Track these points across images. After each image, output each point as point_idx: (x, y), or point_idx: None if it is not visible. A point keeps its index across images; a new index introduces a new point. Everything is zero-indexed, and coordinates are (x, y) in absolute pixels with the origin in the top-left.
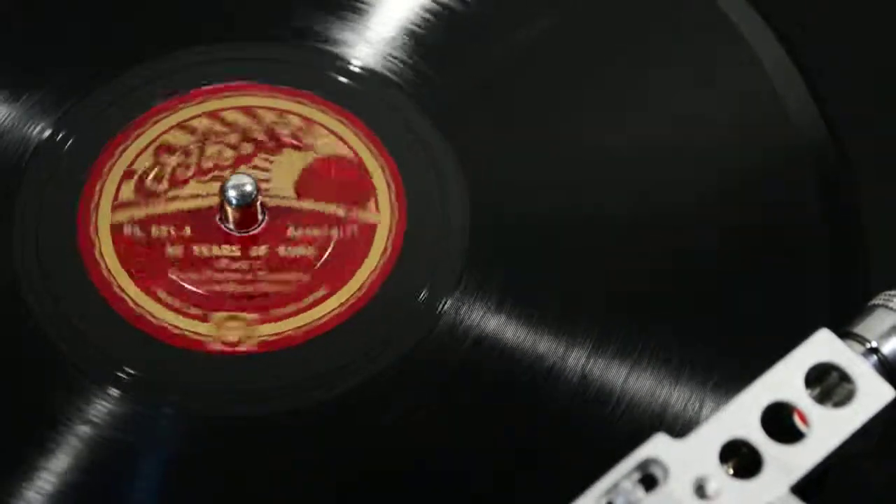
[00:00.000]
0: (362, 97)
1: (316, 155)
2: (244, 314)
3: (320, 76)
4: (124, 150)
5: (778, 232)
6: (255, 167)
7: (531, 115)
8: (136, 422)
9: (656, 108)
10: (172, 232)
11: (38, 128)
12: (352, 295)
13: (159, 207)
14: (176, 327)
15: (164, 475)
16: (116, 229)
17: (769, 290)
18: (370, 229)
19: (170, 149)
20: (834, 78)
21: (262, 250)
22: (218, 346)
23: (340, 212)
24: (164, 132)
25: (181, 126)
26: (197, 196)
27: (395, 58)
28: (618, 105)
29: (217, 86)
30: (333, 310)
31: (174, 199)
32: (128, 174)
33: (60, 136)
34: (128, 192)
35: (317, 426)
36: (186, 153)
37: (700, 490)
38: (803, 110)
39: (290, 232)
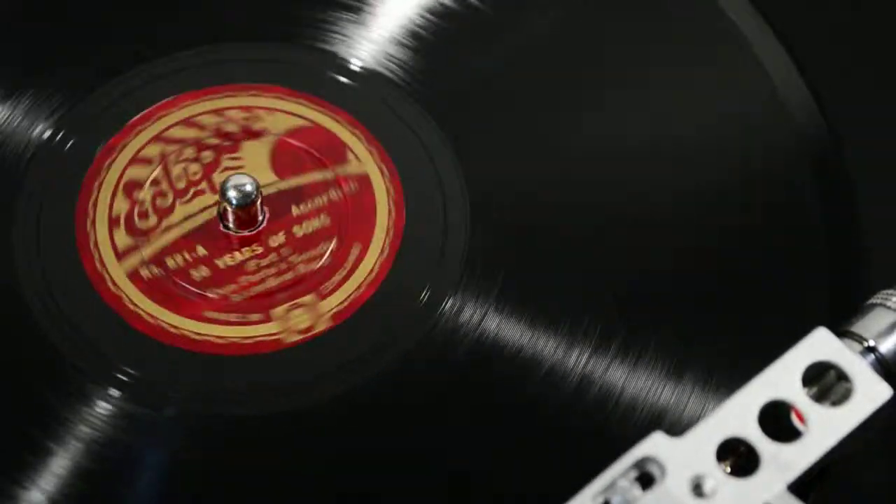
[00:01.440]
0: (362, 97)
1: (275, 136)
2: (301, 299)
3: (320, 76)
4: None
5: (778, 232)
6: (226, 169)
7: (531, 114)
8: (136, 422)
9: (656, 107)
10: (188, 257)
11: (38, 128)
12: (384, 244)
13: (161, 241)
14: (246, 338)
15: (164, 475)
16: (134, 276)
17: (769, 290)
18: (364, 179)
19: (137, 185)
20: (834, 78)
21: (280, 238)
22: (296, 338)
23: (327, 175)
24: (125, 169)
25: (137, 160)
26: (189, 217)
27: (395, 58)
28: (618, 105)
29: (158, 104)
30: (377, 258)
31: (170, 228)
32: (114, 222)
33: (60, 136)
34: (122, 239)
35: (317, 426)
36: (155, 183)
37: (697, 488)
38: (803, 110)
39: (295, 211)
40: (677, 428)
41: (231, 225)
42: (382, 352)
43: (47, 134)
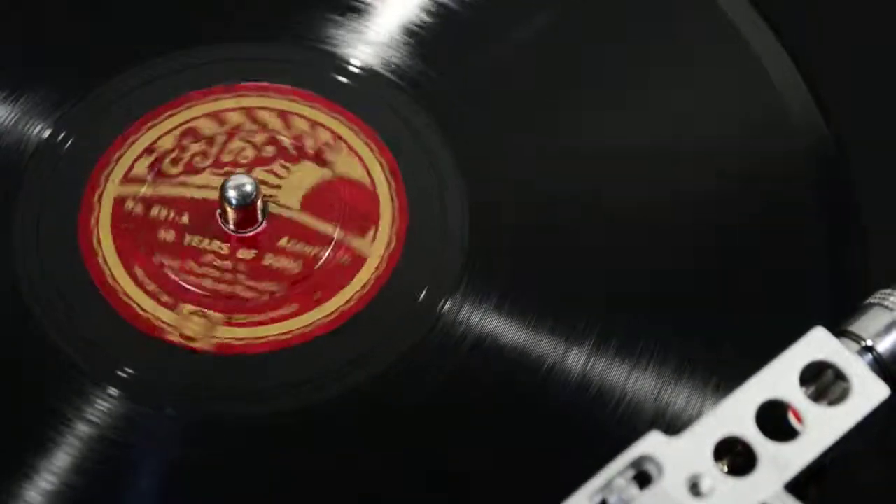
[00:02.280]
0: (362, 97)
1: (333, 174)
2: (211, 312)
3: (320, 76)
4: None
5: (778, 231)
6: (271, 171)
7: (531, 115)
8: (136, 422)
9: (656, 107)
10: (170, 216)
11: (38, 128)
12: (315, 321)
13: (166, 189)
14: (143, 310)
15: (164, 475)
16: (119, 202)
17: (769, 290)
18: (358, 262)
19: (195, 135)
20: (834, 78)
21: (249, 254)
22: (175, 338)
23: (337, 234)
24: (195, 118)
25: (213, 115)
26: (206, 187)
27: (395, 58)
28: (618, 105)
29: (258, 83)
30: (296, 329)
31: (183, 184)
32: (148, 150)
33: (60, 136)
34: (142, 167)
35: (317, 426)
36: (210, 143)
37: (694, 487)
38: (803, 110)
39: (283, 243)
40: (677, 428)
41: (226, 218)
42: (382, 352)
43: (47, 134)
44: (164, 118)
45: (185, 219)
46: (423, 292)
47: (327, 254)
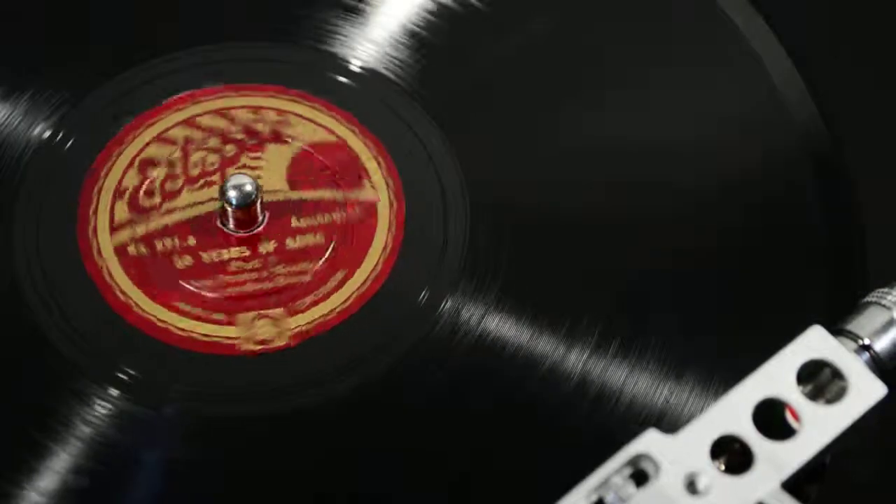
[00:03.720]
0: (362, 97)
1: (300, 145)
2: (270, 310)
3: (320, 76)
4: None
5: (777, 231)
6: (243, 167)
7: (531, 115)
8: (136, 422)
9: (656, 107)
10: (177, 243)
11: (38, 128)
12: (369, 274)
13: (157, 222)
14: (204, 335)
15: (164, 475)
16: (120, 251)
17: (769, 290)
18: (371, 206)
19: (153, 162)
20: (834, 77)
21: (270, 246)
22: (252, 347)
23: (337, 196)
24: (145, 146)
25: (160, 138)
26: (193, 205)
27: (395, 58)
28: (618, 105)
29: (187, 93)
30: (355, 290)
31: (170, 211)
32: (119, 194)
33: (60, 136)
34: (122, 212)
35: (317, 426)
36: (170, 164)
37: (691, 486)
38: (803, 110)
39: (294, 223)
40: (676, 427)
41: (229, 223)
42: (382, 352)
43: (47, 134)
44: (116, 156)
45: (192, 240)
46: (423, 292)
47: (339, 216)
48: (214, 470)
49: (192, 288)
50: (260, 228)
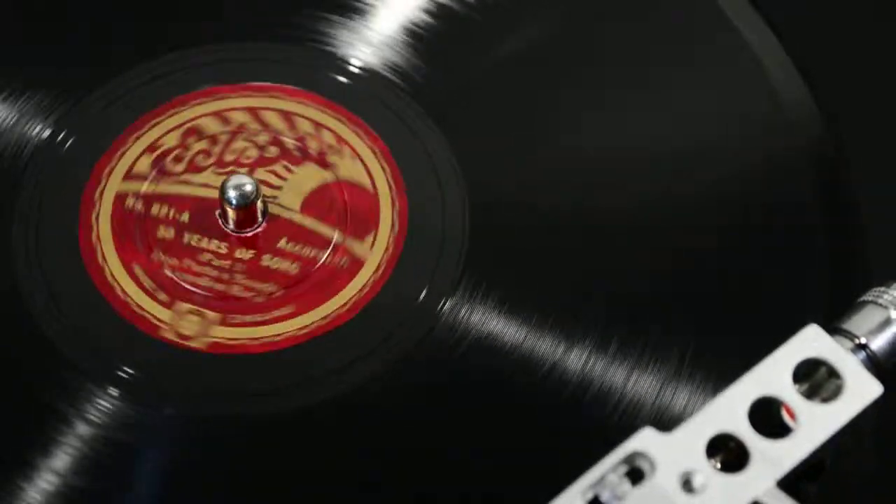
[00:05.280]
0: (362, 97)
1: (335, 177)
2: (207, 311)
3: (320, 76)
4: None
5: (777, 231)
6: (273, 172)
7: (531, 115)
8: (136, 422)
9: (656, 108)
10: (170, 214)
11: (38, 128)
12: (311, 323)
13: (167, 187)
14: (140, 307)
15: (164, 475)
16: (120, 198)
17: (769, 290)
18: (356, 265)
19: (199, 133)
20: (834, 78)
21: (248, 254)
22: (170, 336)
23: (336, 237)
24: (199, 116)
25: (218, 114)
26: (207, 186)
27: (395, 58)
28: (618, 105)
29: (263, 84)
30: (290, 331)
31: (185, 182)
32: (150, 148)
33: (60, 136)
34: (144, 164)
35: (317, 426)
36: (213, 141)
37: (687, 484)
38: (803, 110)
39: (282, 244)
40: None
41: (225, 218)
42: (382, 352)
43: (47, 134)
44: (167, 116)
45: (185, 217)
46: (423, 293)
47: (325, 257)
48: (214, 470)
49: (156, 259)
50: (252, 234)
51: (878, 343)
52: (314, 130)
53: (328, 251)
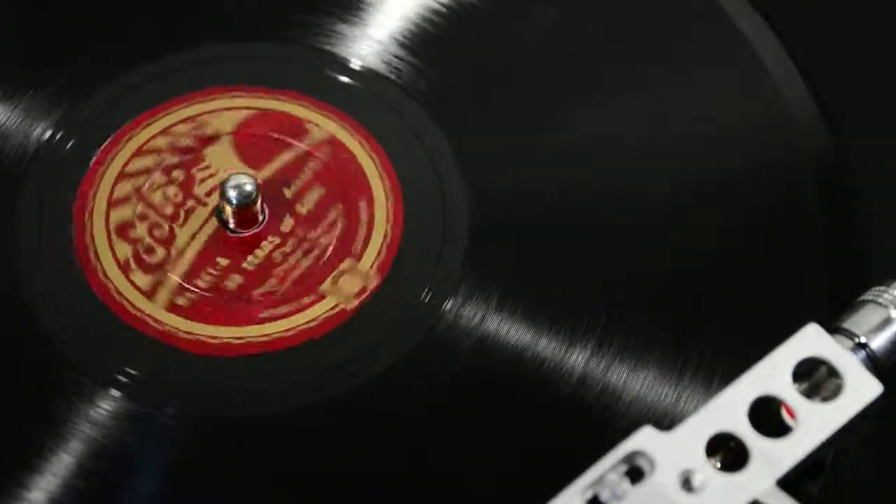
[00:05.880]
0: (362, 97)
1: (230, 133)
2: (340, 266)
3: (320, 76)
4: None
5: (778, 231)
6: (202, 181)
7: (531, 114)
8: (137, 422)
9: (656, 107)
10: (214, 272)
11: (38, 128)
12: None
13: (181, 267)
14: (311, 321)
15: (165, 476)
16: (173, 308)
17: (769, 290)
18: (332, 141)
19: (129, 224)
20: (834, 78)
21: (289, 222)
22: (353, 303)
23: (298, 151)
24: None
25: (116, 203)
26: (194, 235)
27: (395, 58)
28: (618, 104)
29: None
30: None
31: (181, 252)
32: (125, 268)
33: (60, 136)
34: (142, 280)
35: (317, 426)
36: (143, 217)
37: (686, 483)
38: (803, 110)
39: (288, 193)
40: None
41: (234, 227)
42: (382, 352)
43: (47, 134)
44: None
45: (223, 261)
46: (424, 292)
47: (315, 162)
48: (214, 470)
49: (261, 294)
50: (266, 218)
51: (878, 342)
52: (168, 136)
53: (310, 160)
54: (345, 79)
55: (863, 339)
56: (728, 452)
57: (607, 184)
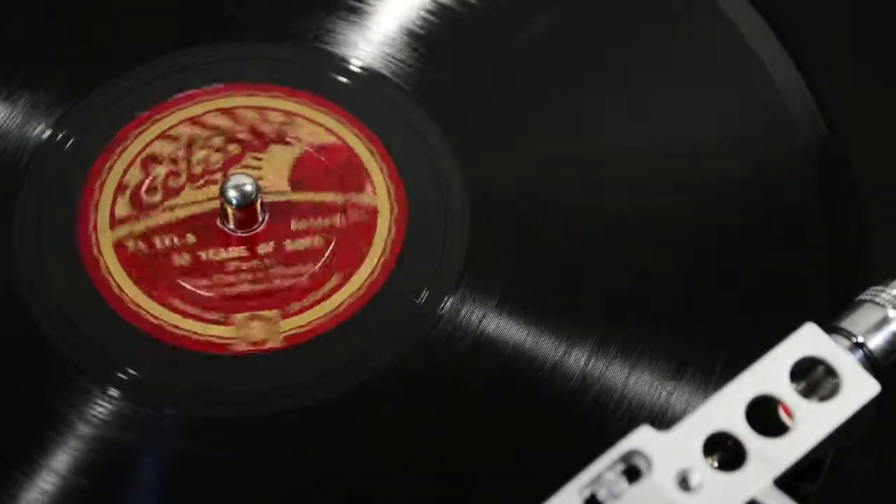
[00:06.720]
0: (362, 97)
1: (304, 147)
2: (265, 312)
3: (320, 76)
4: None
5: (778, 232)
6: (245, 167)
7: (531, 114)
8: (137, 422)
9: (656, 107)
10: (176, 241)
11: (38, 128)
12: (365, 279)
13: (158, 219)
14: (196, 334)
15: (165, 475)
16: (119, 247)
17: (769, 290)
18: (372, 212)
19: (156, 159)
20: (834, 78)
21: (269, 247)
22: (244, 347)
23: (339, 199)
24: (149, 143)
25: (163, 136)
26: (194, 203)
27: (395, 58)
28: (618, 105)
29: (193, 91)
30: (351, 295)
31: (172, 208)
32: (120, 188)
33: (60, 136)
34: (123, 207)
35: (317, 426)
36: (174, 161)
37: (683, 482)
38: (803, 109)
39: (294, 225)
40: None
41: (228, 222)
42: (382, 352)
43: (47, 134)
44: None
45: (191, 238)
46: (424, 292)
47: (340, 218)
48: (214, 470)
49: (189, 287)
50: (260, 229)
51: (875, 342)
52: (259, 115)
53: (339, 213)
54: (344, 79)
55: (860, 339)
56: (725, 452)
57: (607, 184)
